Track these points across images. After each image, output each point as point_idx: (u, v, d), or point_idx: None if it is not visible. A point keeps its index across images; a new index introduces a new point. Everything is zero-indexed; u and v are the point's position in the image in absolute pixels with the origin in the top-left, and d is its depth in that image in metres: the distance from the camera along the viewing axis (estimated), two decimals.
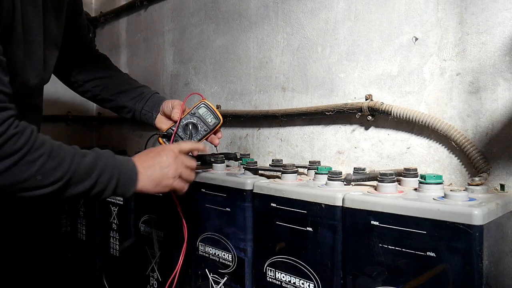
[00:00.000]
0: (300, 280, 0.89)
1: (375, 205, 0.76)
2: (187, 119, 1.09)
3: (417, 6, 1.02)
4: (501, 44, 0.89)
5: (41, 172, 0.74)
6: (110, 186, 0.84)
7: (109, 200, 1.53)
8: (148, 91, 1.21)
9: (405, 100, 1.05)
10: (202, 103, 1.10)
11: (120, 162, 0.87)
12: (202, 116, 1.09)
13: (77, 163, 0.80)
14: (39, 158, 0.74)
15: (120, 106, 1.20)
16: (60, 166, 0.77)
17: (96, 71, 1.21)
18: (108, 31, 2.37)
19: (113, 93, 1.20)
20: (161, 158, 0.92)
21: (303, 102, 1.29)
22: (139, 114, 1.18)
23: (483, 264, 0.64)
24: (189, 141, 1.06)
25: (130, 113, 1.20)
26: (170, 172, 0.92)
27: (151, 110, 1.17)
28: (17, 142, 0.72)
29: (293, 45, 1.32)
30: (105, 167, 0.83)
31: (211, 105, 1.10)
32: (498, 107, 0.90)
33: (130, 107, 1.19)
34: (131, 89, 1.20)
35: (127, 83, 1.22)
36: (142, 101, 1.18)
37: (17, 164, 0.72)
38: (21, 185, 0.74)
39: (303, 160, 1.30)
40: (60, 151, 0.78)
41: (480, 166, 0.89)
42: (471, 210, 0.65)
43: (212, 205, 1.11)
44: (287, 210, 0.91)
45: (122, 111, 1.21)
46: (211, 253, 1.12)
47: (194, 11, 1.71)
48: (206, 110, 1.09)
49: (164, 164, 0.91)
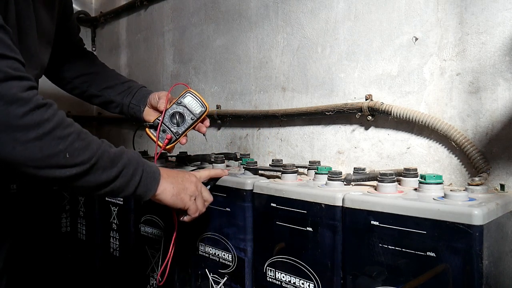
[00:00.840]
0: (300, 280, 0.89)
1: (375, 205, 0.76)
2: (174, 108, 1.08)
3: (417, 6, 1.02)
4: (501, 44, 0.89)
5: (69, 150, 0.70)
6: (133, 180, 0.81)
7: (109, 200, 1.53)
8: (135, 85, 1.21)
9: (405, 100, 1.05)
10: (188, 92, 1.10)
11: (145, 161, 0.86)
12: (189, 105, 1.09)
13: (104, 149, 0.77)
14: (69, 136, 0.71)
15: (108, 101, 1.20)
16: (89, 148, 0.74)
17: (84, 67, 1.22)
18: (108, 31, 2.37)
19: (101, 88, 1.20)
20: (184, 174, 0.93)
21: (303, 102, 1.29)
22: (127, 108, 1.18)
23: (483, 264, 0.64)
24: (206, 170, 1.05)
25: (118, 107, 1.20)
26: (190, 189, 0.92)
27: (138, 103, 1.17)
28: (46, 113, 0.68)
29: (293, 45, 1.32)
30: (130, 160, 0.81)
31: (197, 94, 1.10)
32: (498, 107, 0.90)
33: (117, 102, 1.19)
34: (118, 84, 1.21)
35: (114, 78, 1.23)
36: (130, 95, 1.18)
37: (47, 136, 0.68)
38: (47, 160, 0.68)
39: (303, 160, 1.30)
40: (88, 135, 0.76)
41: (480, 166, 0.89)
42: (471, 210, 0.65)
43: (212, 205, 1.11)
44: (287, 210, 0.91)
45: (110, 106, 1.21)
46: (211, 253, 1.11)
47: (194, 11, 1.71)
48: (192, 98, 1.09)
49: (186, 180, 0.92)
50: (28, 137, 0.65)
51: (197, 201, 0.94)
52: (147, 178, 0.84)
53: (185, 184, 0.91)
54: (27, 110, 0.65)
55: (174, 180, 0.89)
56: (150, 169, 0.85)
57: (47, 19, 0.97)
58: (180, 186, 0.90)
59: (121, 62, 2.26)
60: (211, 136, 1.66)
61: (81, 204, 1.80)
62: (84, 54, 1.27)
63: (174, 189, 0.89)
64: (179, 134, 1.08)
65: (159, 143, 1.07)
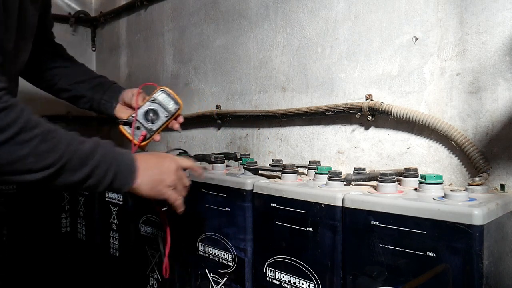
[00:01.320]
0: (300, 280, 0.89)
1: (375, 205, 0.76)
2: (148, 105, 1.08)
3: (417, 6, 1.02)
4: (501, 44, 0.89)
5: (34, 154, 0.68)
6: (106, 178, 0.79)
7: (109, 200, 1.53)
8: (106, 81, 1.20)
9: (405, 100, 1.05)
10: (161, 90, 1.10)
11: (120, 154, 0.83)
12: (162, 102, 1.09)
13: (74, 149, 0.74)
14: (34, 139, 0.68)
15: (78, 95, 1.18)
16: (55, 150, 0.71)
17: (54, 61, 1.18)
18: (108, 31, 2.37)
19: (71, 82, 1.17)
20: (163, 163, 0.89)
21: (303, 102, 1.29)
22: (98, 104, 1.16)
23: (483, 264, 0.64)
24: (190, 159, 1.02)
25: (88, 103, 1.18)
26: (168, 180, 0.89)
27: (110, 99, 1.15)
28: (7, 117, 0.66)
29: (293, 45, 1.31)
30: (103, 157, 0.79)
31: (171, 91, 1.10)
32: (498, 107, 0.90)
33: (88, 97, 1.17)
34: (89, 79, 1.19)
35: (84, 73, 1.21)
36: (101, 91, 1.16)
37: (10, 141, 0.66)
38: (10, 166, 0.67)
39: (303, 160, 1.30)
40: (56, 135, 0.73)
41: (480, 166, 0.89)
42: (471, 210, 0.65)
43: (212, 205, 1.11)
44: (287, 210, 0.91)
45: (80, 101, 1.19)
46: (211, 253, 1.11)
47: (194, 11, 1.71)
48: (166, 96, 1.10)
49: (165, 170, 0.89)
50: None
51: (177, 188, 0.91)
52: (122, 173, 0.82)
53: (163, 176, 0.88)
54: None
55: (152, 172, 0.86)
56: (125, 163, 0.83)
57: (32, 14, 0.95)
58: (157, 178, 0.87)
59: (121, 62, 2.26)
60: (211, 136, 1.66)
61: (81, 204, 1.80)
62: (54, 48, 1.23)
63: (151, 182, 0.86)
64: (153, 131, 1.08)
65: (134, 140, 1.06)
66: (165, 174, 0.88)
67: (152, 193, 0.87)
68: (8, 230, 1.83)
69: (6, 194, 1.83)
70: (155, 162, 0.89)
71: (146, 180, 0.85)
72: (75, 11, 2.41)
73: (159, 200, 0.92)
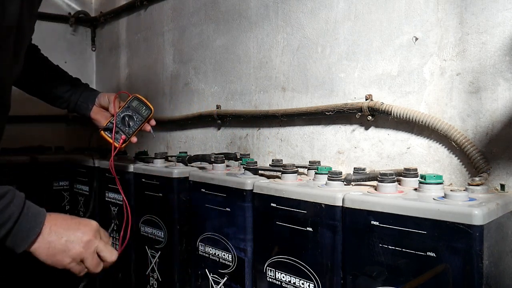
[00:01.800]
0: (300, 280, 0.89)
1: (375, 205, 0.76)
2: (124, 111, 1.22)
3: (417, 6, 1.02)
4: (501, 44, 0.89)
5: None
6: (1, 229, 0.77)
7: (109, 200, 1.53)
8: (80, 83, 1.28)
9: (405, 100, 1.05)
10: (134, 97, 1.24)
11: (25, 213, 0.80)
12: (136, 108, 1.23)
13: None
14: None
15: (56, 97, 1.25)
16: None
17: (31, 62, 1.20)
18: (108, 31, 2.37)
19: (49, 84, 1.23)
20: (75, 232, 0.86)
21: (303, 102, 1.29)
22: (74, 105, 1.25)
23: (483, 264, 0.64)
24: (108, 246, 0.94)
25: (65, 103, 1.26)
26: (73, 251, 0.85)
27: (86, 101, 1.24)
28: None
29: (293, 45, 1.32)
30: (5, 207, 0.77)
31: (142, 98, 1.24)
32: (498, 107, 0.90)
33: (65, 98, 1.25)
34: (65, 81, 1.26)
35: (60, 75, 1.27)
36: (77, 93, 1.25)
37: None
38: None
39: (303, 160, 1.30)
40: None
41: (480, 166, 0.89)
42: (471, 210, 0.65)
43: (212, 205, 1.11)
44: (287, 210, 0.91)
45: (57, 101, 1.26)
46: (211, 253, 1.11)
47: (194, 11, 1.71)
48: (138, 102, 1.23)
49: (74, 239, 0.85)
50: None
51: (85, 262, 0.88)
52: (17, 234, 0.79)
53: (67, 245, 0.84)
54: None
55: (56, 238, 0.83)
56: (25, 225, 0.80)
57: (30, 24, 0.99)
58: (59, 248, 0.83)
59: (121, 62, 2.26)
60: (211, 136, 1.66)
61: (81, 204, 1.80)
62: (32, 49, 1.25)
63: (50, 249, 0.83)
64: (130, 134, 1.22)
65: (115, 144, 1.20)
66: (71, 244, 0.85)
67: (49, 261, 0.84)
68: None
69: None
70: (67, 228, 0.86)
71: (44, 246, 0.82)
72: (75, 11, 2.41)
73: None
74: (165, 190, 1.25)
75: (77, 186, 1.82)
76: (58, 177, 1.92)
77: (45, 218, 0.84)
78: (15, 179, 1.85)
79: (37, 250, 0.82)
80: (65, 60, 2.36)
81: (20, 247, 0.80)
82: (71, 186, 1.90)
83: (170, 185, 1.23)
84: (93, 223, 0.91)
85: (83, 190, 1.77)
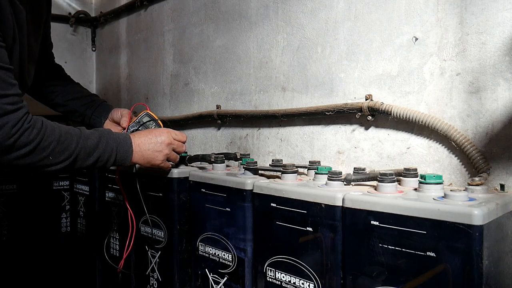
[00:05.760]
0: (300, 280, 0.89)
1: (375, 205, 0.76)
2: (133, 126, 1.27)
3: (417, 6, 1.02)
4: (501, 44, 0.89)
5: (52, 155, 0.94)
6: (109, 162, 1.05)
7: (109, 200, 1.53)
8: (97, 100, 1.39)
9: (405, 100, 1.05)
10: (145, 113, 1.29)
11: (119, 141, 1.06)
12: (146, 124, 1.28)
13: (81, 146, 0.99)
14: (50, 145, 0.93)
15: (72, 110, 1.37)
16: (68, 149, 0.96)
17: (53, 79, 1.38)
18: (108, 31, 2.37)
19: (67, 99, 1.37)
20: (156, 141, 1.12)
21: (303, 102, 1.29)
22: (89, 119, 1.36)
23: (483, 264, 0.64)
24: (181, 132, 1.21)
25: (80, 117, 1.37)
26: (160, 156, 1.12)
27: (99, 116, 1.34)
28: (30, 134, 0.90)
29: (293, 45, 1.32)
30: (106, 146, 1.03)
31: (153, 114, 1.30)
32: (498, 107, 0.90)
33: (80, 112, 1.36)
34: (82, 97, 1.38)
35: (79, 91, 1.40)
36: (92, 108, 1.36)
37: (33, 151, 0.91)
38: (38, 163, 0.93)
39: (303, 160, 1.30)
40: (68, 136, 0.96)
41: (480, 166, 0.89)
42: (471, 210, 0.65)
43: (212, 205, 1.11)
44: (287, 210, 0.91)
45: (73, 115, 1.38)
46: (211, 253, 1.12)
47: (194, 11, 1.71)
48: (148, 118, 1.28)
49: (157, 148, 1.12)
50: (19, 154, 0.90)
51: (170, 157, 1.16)
52: (121, 156, 1.07)
53: (154, 154, 1.12)
54: (17, 137, 0.88)
55: (145, 152, 1.11)
56: (123, 149, 1.07)
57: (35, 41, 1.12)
58: (149, 156, 1.11)
59: (121, 62, 2.26)
60: (211, 136, 1.66)
61: (81, 204, 1.80)
62: (54, 68, 1.42)
63: (144, 159, 1.11)
64: None
65: None
66: (156, 152, 1.12)
67: (148, 166, 1.14)
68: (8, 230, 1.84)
69: (6, 194, 1.83)
70: (149, 141, 1.12)
71: (139, 158, 1.11)
72: (75, 11, 2.41)
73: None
74: (165, 190, 1.25)
75: (77, 186, 1.82)
76: (58, 177, 1.93)
77: (132, 141, 1.09)
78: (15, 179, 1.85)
79: (136, 161, 1.11)
80: (65, 60, 2.36)
81: (126, 162, 1.09)
82: (71, 186, 1.90)
83: (170, 185, 1.23)
84: (163, 131, 1.16)
85: (83, 190, 1.77)
